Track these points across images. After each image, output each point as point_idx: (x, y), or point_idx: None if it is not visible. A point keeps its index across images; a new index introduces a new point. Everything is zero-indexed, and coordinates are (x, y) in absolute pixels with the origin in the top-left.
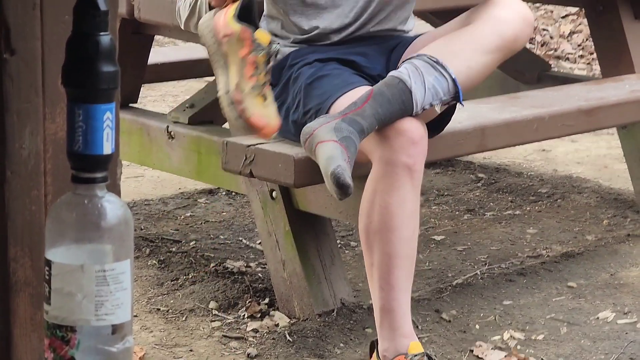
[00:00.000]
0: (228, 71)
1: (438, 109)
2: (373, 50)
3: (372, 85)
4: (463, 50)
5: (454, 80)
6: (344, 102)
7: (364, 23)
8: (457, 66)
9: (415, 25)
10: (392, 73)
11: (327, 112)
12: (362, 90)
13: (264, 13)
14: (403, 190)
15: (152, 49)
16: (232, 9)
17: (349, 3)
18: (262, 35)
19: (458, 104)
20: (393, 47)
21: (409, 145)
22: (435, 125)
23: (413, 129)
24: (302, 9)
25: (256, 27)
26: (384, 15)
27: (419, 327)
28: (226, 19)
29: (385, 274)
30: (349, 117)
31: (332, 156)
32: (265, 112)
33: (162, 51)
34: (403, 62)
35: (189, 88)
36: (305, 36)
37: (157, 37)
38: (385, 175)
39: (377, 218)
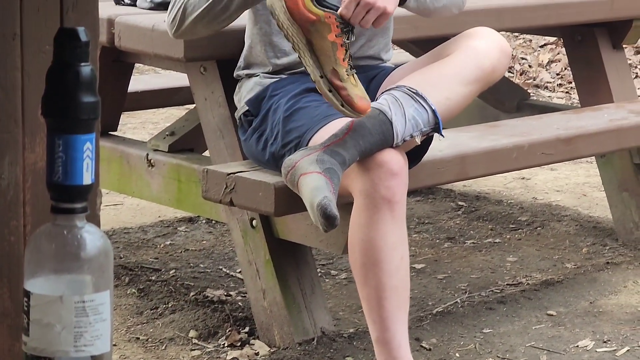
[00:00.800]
0: (317, 55)
1: (418, 140)
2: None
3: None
4: (442, 81)
5: (434, 111)
6: (323, 135)
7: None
8: (436, 97)
9: (395, 54)
10: (371, 104)
11: (306, 145)
12: (341, 122)
13: (246, 43)
14: (383, 223)
15: (132, 77)
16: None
17: None
18: (344, 14)
19: (436, 134)
20: (372, 77)
21: (387, 177)
22: (414, 155)
23: (393, 161)
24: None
25: (337, 7)
26: (364, 40)
27: None
28: (305, 6)
29: (375, 307)
30: (330, 148)
31: (317, 187)
32: (361, 91)
33: (143, 79)
34: (382, 93)
35: (169, 116)
36: (285, 60)
37: (137, 64)
38: (366, 209)
39: (361, 252)
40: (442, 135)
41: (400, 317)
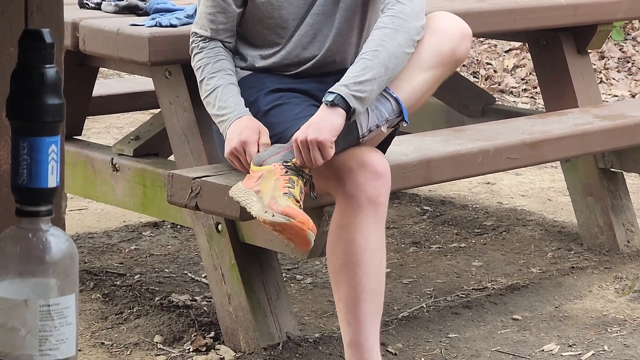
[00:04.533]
0: (262, 198)
1: (385, 130)
2: (332, 80)
3: None
4: (403, 69)
5: (396, 99)
6: None
7: (324, 58)
8: (398, 86)
9: None
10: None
11: (287, 142)
12: None
13: None
14: (367, 224)
15: (96, 81)
16: (251, 164)
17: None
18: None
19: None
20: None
21: (372, 177)
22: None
23: (376, 162)
24: (266, 32)
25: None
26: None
27: None
28: (251, 174)
29: (352, 308)
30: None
31: None
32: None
33: (107, 83)
34: None
35: (133, 120)
36: (265, 63)
37: (101, 69)
38: (349, 210)
39: (342, 253)
40: (406, 122)
41: (375, 321)
